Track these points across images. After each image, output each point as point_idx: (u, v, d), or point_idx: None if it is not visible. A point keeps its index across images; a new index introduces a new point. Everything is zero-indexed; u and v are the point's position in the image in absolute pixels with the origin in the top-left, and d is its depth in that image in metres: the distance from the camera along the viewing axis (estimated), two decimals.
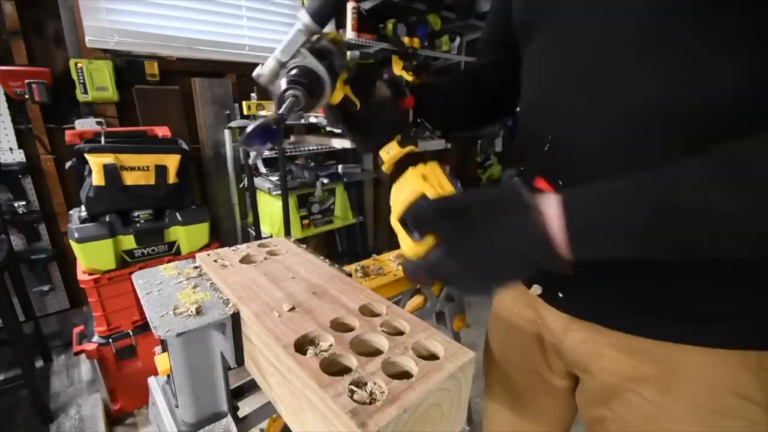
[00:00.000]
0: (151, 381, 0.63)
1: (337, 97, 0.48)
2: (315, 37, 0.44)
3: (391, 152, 0.49)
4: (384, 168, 0.51)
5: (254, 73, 0.45)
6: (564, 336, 0.52)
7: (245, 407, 0.60)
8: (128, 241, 1.33)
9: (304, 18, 0.42)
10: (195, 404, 0.51)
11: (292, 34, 0.43)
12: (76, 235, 1.23)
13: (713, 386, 0.40)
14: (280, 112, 0.39)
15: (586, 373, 0.51)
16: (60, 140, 1.57)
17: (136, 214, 1.36)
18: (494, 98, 0.66)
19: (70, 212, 1.39)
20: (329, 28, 0.59)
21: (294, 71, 0.42)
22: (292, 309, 0.45)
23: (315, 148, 2.11)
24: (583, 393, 0.54)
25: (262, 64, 0.45)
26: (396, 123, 0.51)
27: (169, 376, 0.56)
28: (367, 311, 0.45)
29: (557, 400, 0.61)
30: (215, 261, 0.56)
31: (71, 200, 1.71)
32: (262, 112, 1.90)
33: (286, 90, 0.40)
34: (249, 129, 0.37)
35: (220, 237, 2.08)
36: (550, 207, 0.34)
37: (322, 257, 0.60)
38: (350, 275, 0.56)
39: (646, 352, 0.43)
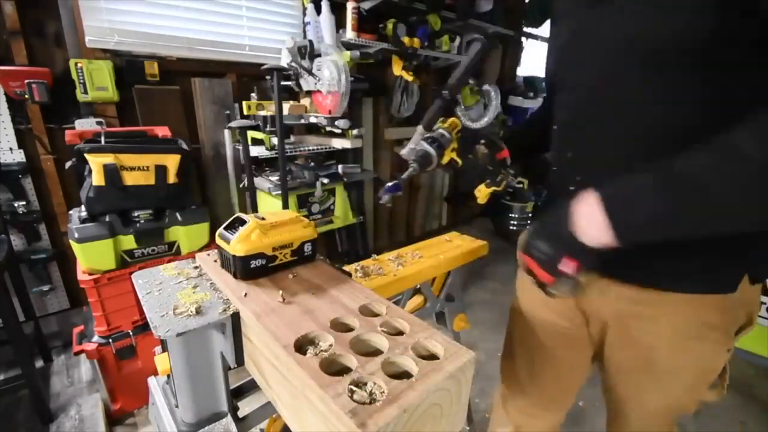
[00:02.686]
0: (151, 381, 0.63)
1: (446, 159, 0.73)
2: (435, 129, 0.72)
3: (480, 192, 0.77)
4: (479, 201, 0.79)
5: (401, 152, 0.75)
6: (595, 293, 0.67)
7: (245, 407, 0.60)
8: (128, 241, 1.33)
9: (419, 128, 0.72)
10: (195, 404, 0.51)
11: (414, 135, 0.73)
12: (76, 235, 1.23)
13: (690, 319, 0.59)
14: (402, 176, 0.70)
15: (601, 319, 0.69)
16: (60, 140, 1.57)
17: (136, 214, 1.36)
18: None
19: (70, 212, 1.39)
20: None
21: (414, 154, 0.71)
22: (284, 300, 0.45)
23: (315, 148, 2.11)
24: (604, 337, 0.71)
25: (407, 147, 0.74)
26: (485, 171, 0.75)
27: (169, 376, 0.56)
28: (367, 311, 0.45)
29: (577, 353, 0.76)
30: (215, 261, 0.56)
31: (71, 200, 1.71)
32: (262, 112, 1.90)
33: (409, 164, 0.70)
34: (388, 185, 0.69)
35: None
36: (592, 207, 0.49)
37: (322, 257, 0.60)
38: (350, 275, 0.56)
39: (645, 300, 0.60)
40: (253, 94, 2.01)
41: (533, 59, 4.10)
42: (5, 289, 1.28)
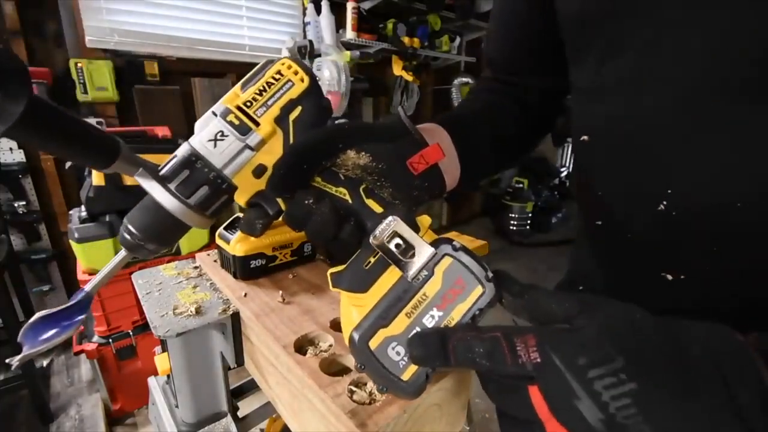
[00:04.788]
0: (151, 381, 0.63)
1: (242, 197, 0.31)
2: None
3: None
4: None
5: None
6: None
7: (245, 407, 0.60)
8: None
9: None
10: (195, 404, 0.51)
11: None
12: (76, 235, 1.22)
13: None
14: (82, 293, 0.31)
15: None
16: None
17: None
18: (538, 117, 0.51)
19: (70, 212, 1.39)
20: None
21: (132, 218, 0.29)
22: (284, 301, 0.45)
23: None
24: None
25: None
26: (339, 229, 0.30)
27: (169, 376, 0.56)
28: None
29: None
30: (215, 261, 0.56)
31: (71, 200, 1.71)
32: None
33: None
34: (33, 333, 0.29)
35: None
36: None
37: (322, 257, 0.60)
38: None
39: None
40: None
41: None
42: (5, 289, 1.28)
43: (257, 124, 0.30)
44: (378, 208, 0.30)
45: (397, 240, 0.28)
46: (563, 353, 0.21)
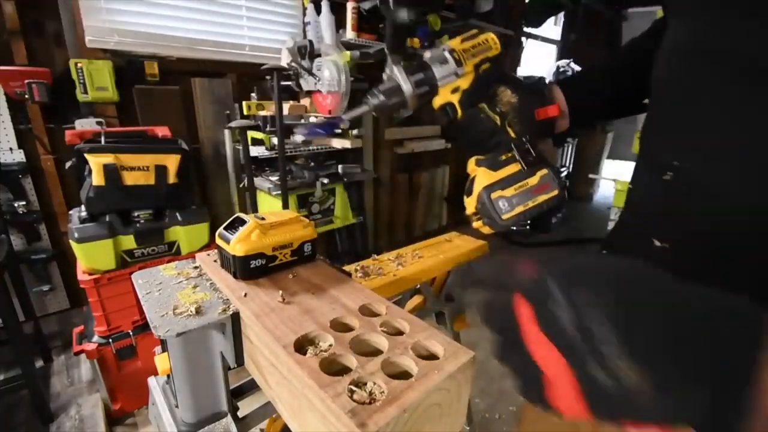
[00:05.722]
0: (151, 381, 0.63)
1: (438, 102, 0.52)
2: (437, 47, 0.51)
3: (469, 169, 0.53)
4: (467, 210, 0.55)
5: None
6: None
7: (245, 407, 0.60)
8: (128, 241, 1.33)
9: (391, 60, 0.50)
10: (195, 404, 0.51)
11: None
12: (76, 235, 1.23)
13: None
14: (345, 115, 0.54)
15: None
16: (60, 140, 1.57)
17: (136, 214, 1.36)
18: None
19: (70, 212, 1.39)
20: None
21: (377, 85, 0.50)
22: (284, 300, 0.45)
23: (315, 148, 2.11)
24: None
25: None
26: (490, 137, 0.50)
27: (169, 376, 0.56)
28: (366, 311, 0.45)
29: None
30: (215, 261, 0.56)
31: (71, 200, 1.71)
32: (262, 112, 1.90)
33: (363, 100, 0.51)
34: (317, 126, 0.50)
35: None
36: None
37: (322, 257, 0.60)
38: (350, 275, 0.56)
39: None
40: (253, 94, 2.01)
41: (533, 59, 4.10)
42: (5, 289, 1.28)
43: (465, 63, 0.49)
44: (513, 134, 0.50)
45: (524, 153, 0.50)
46: (555, 275, 0.24)
